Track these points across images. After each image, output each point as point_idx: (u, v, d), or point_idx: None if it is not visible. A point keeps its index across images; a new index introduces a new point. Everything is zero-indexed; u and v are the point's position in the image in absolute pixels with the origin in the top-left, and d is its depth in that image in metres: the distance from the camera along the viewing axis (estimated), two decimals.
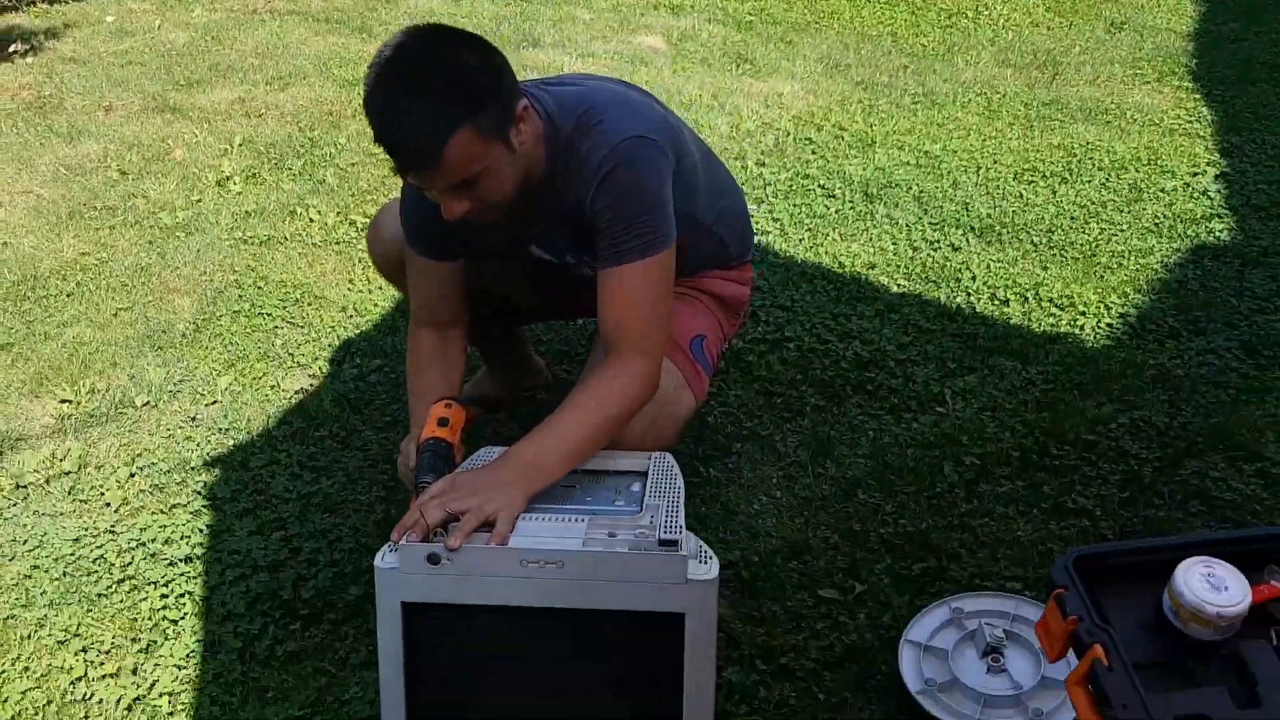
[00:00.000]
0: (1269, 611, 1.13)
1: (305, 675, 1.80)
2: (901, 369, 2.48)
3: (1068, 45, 4.60)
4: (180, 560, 2.03)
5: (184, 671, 1.82)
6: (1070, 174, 3.42)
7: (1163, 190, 3.30)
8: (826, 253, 2.99)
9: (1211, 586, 1.10)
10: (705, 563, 1.44)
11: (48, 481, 2.25)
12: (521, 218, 1.77)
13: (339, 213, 3.27)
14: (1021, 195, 3.30)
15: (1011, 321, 2.67)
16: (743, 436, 2.29)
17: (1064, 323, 2.65)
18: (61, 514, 2.16)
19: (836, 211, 3.22)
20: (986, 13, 5.07)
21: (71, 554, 2.06)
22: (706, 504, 2.11)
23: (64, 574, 2.02)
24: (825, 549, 2.00)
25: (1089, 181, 3.37)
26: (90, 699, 1.78)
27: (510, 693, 1.51)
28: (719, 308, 2.07)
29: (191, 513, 2.15)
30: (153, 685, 1.79)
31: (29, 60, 4.67)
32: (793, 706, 1.71)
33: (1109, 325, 2.64)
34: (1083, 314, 2.68)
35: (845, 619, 1.86)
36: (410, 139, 1.54)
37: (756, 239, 3.06)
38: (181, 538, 2.08)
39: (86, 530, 2.11)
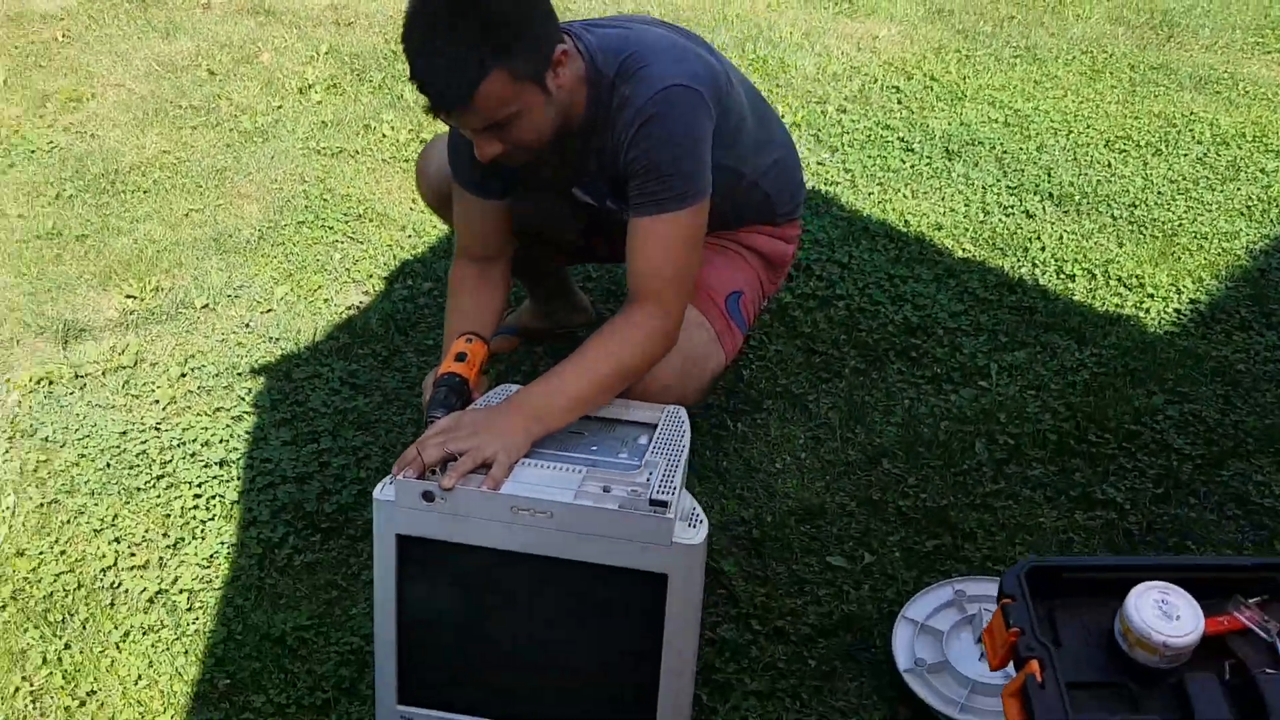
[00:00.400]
0: (1226, 644, 1.09)
1: (318, 586, 1.88)
2: (950, 338, 2.43)
3: (1189, 4, 4.34)
4: (215, 463, 2.11)
5: (205, 571, 1.90)
6: (1166, 145, 3.27)
7: (1262, 170, 3.13)
8: (894, 209, 2.92)
9: (1163, 614, 1.06)
10: (694, 526, 1.44)
11: (104, 374, 2.35)
12: (559, 161, 1.76)
13: (411, 130, 3.30)
14: (1110, 165, 3.16)
15: (1074, 298, 2.58)
16: (776, 393, 2.27)
17: (1129, 304, 2.56)
18: (113, 407, 2.26)
19: (912, 167, 3.14)
20: None
21: (117, 447, 2.16)
22: (729, 458, 2.11)
23: (108, 465, 2.12)
24: (841, 515, 1.99)
25: (1185, 155, 3.21)
26: (118, 587, 1.87)
27: (495, 631, 1.55)
28: (760, 264, 2.04)
29: (233, 418, 2.22)
30: (175, 580, 1.88)
31: None
32: (780, 670, 1.72)
33: (1176, 311, 2.54)
34: (1150, 296, 2.58)
35: (849, 588, 1.86)
36: (442, 80, 1.53)
37: (824, 190, 3.01)
38: (220, 441, 2.16)
39: (134, 425, 2.21)
